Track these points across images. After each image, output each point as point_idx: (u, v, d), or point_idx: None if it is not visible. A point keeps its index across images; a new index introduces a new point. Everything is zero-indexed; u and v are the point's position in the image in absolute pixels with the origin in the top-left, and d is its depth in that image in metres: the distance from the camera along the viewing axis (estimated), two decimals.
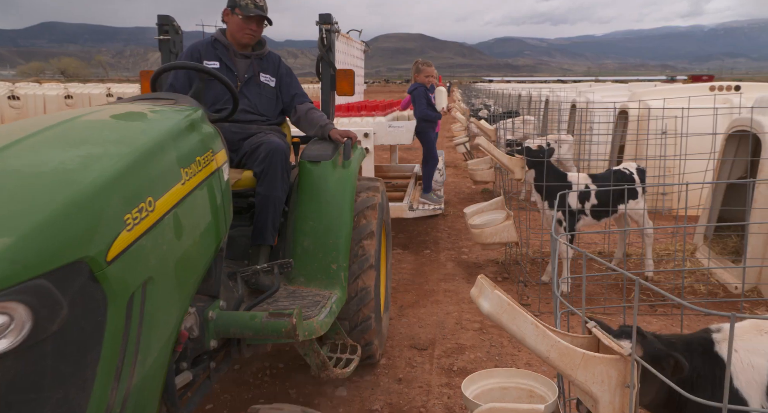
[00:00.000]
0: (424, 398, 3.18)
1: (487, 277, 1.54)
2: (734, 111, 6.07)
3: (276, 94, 3.25)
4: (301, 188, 2.95)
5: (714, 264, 4.85)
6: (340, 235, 2.85)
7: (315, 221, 2.86)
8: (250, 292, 2.62)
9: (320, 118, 3.22)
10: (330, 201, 2.88)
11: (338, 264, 2.82)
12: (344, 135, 3.16)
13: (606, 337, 1.53)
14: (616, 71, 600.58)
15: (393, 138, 5.55)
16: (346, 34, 6.92)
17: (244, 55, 3.18)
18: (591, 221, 4.71)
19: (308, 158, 2.96)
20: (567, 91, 13.42)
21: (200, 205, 1.92)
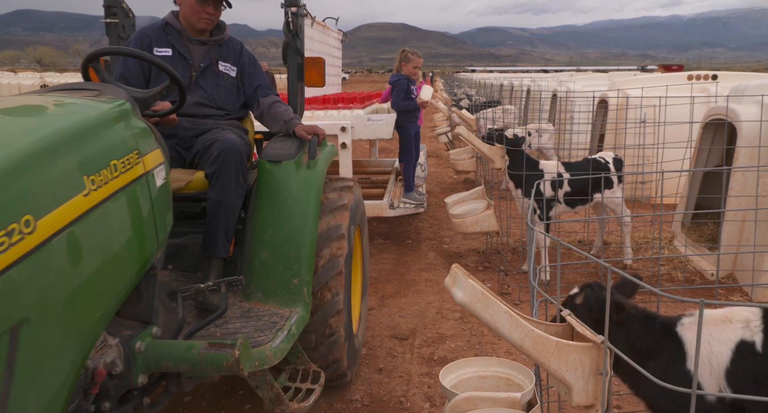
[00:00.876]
0: (404, 387, 3.19)
1: (461, 266, 1.53)
2: (711, 100, 6.13)
3: (237, 85, 2.95)
4: (259, 192, 2.62)
5: (691, 251, 4.92)
6: (303, 245, 2.52)
7: (274, 229, 2.53)
8: (198, 313, 2.34)
9: (285, 113, 2.92)
10: (292, 206, 2.56)
11: (300, 278, 2.49)
12: (310, 131, 2.85)
13: (579, 325, 1.53)
14: (597, 61, 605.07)
15: (372, 132, 5.23)
16: (322, 21, 6.65)
17: (201, 42, 2.88)
18: (565, 209, 4.75)
19: (268, 158, 2.64)
20: (548, 81, 13.47)
21: (115, 218, 1.61)
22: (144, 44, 2.81)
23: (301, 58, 3.15)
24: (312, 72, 3.09)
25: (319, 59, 3.08)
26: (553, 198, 4.65)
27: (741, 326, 1.76)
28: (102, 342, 1.72)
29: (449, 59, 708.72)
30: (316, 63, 3.08)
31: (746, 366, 1.72)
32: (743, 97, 4.72)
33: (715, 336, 1.78)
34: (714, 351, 1.75)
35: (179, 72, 2.63)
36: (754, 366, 1.72)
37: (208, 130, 2.75)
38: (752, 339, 1.73)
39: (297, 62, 3.16)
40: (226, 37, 2.97)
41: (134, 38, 2.86)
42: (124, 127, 1.77)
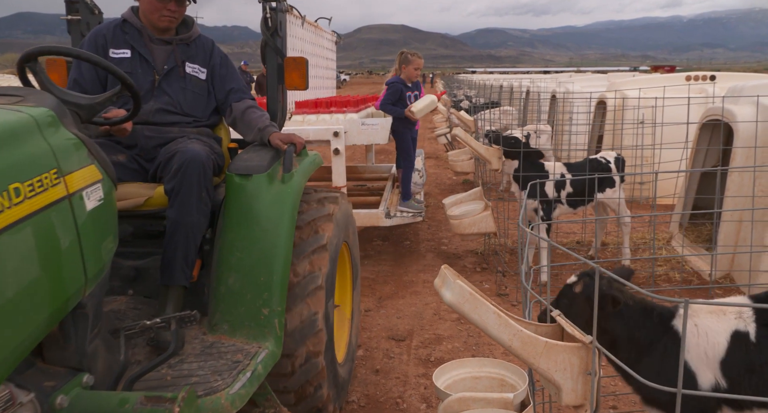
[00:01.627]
0: (401, 389, 3.20)
1: (450, 267, 1.54)
2: (709, 101, 6.14)
3: (207, 88, 2.65)
4: (227, 209, 2.32)
5: (688, 252, 4.93)
6: (274, 271, 2.23)
7: (243, 252, 2.23)
8: (151, 350, 2.06)
9: (259, 119, 2.62)
10: (263, 226, 2.27)
11: (271, 308, 2.19)
12: (286, 140, 2.55)
13: (569, 325, 1.54)
14: (597, 62, 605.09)
15: (366, 137, 4.95)
16: (315, 22, 6.41)
17: (164, 41, 2.57)
18: (567, 210, 4.75)
19: (237, 171, 2.34)
20: (547, 82, 13.48)
21: (15, 253, 1.34)
22: (99, 45, 2.51)
23: (281, 58, 2.81)
24: (293, 73, 2.75)
25: (301, 59, 2.73)
26: (557, 199, 4.65)
27: (734, 316, 1.79)
28: (7, 401, 1.42)
29: (449, 60, 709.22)
30: (298, 63, 2.73)
31: (740, 355, 1.75)
32: (740, 98, 4.72)
33: (711, 326, 1.80)
34: (710, 341, 1.78)
35: (140, 75, 2.48)
36: (747, 355, 1.75)
37: (172, 140, 2.47)
38: (746, 329, 1.76)
39: (277, 63, 2.82)
40: (195, 36, 2.66)
41: (88, 39, 2.57)
42: (37, 141, 1.50)
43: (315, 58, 6.54)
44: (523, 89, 12.78)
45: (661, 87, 6.21)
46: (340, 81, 57.29)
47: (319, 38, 6.83)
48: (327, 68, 7.61)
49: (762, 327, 1.75)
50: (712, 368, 1.77)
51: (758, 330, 1.75)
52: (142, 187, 2.36)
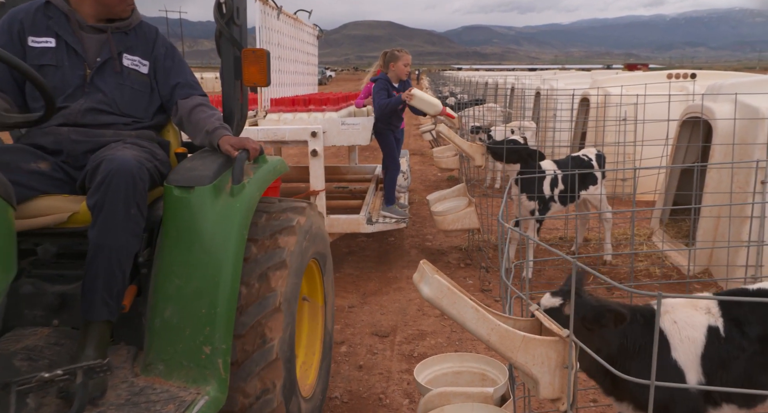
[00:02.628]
0: (384, 384, 3.21)
1: (429, 262, 1.55)
2: (689, 98, 6.22)
3: (149, 84, 2.30)
4: (165, 228, 1.99)
5: (669, 247, 4.99)
6: (218, 301, 1.91)
7: (181, 279, 1.92)
8: (63, 402, 1.72)
9: (208, 120, 2.25)
10: (206, 248, 1.95)
11: (214, 346, 1.88)
12: (238, 145, 2.18)
13: (546, 319, 1.55)
14: (582, 59, 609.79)
15: (347, 138, 4.65)
16: (294, 14, 6.17)
17: (97, 29, 2.21)
18: (559, 207, 4.78)
19: (176, 182, 2.00)
20: (532, 79, 13.56)
21: None
22: (14, 32, 2.15)
23: (238, 49, 2.43)
24: (252, 67, 2.38)
25: (260, 52, 2.38)
26: (551, 197, 4.68)
27: (704, 312, 1.84)
28: None
29: (435, 57, 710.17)
30: (258, 56, 2.37)
31: (714, 350, 1.79)
32: (719, 96, 4.79)
33: (689, 321, 1.83)
34: (691, 336, 1.81)
35: (67, 69, 2.14)
36: (719, 350, 1.79)
37: (105, 144, 2.12)
38: (716, 324, 1.81)
39: (233, 55, 2.45)
40: (135, 22, 2.31)
41: (2, 24, 2.20)
42: None
43: (294, 53, 6.35)
44: (508, 86, 12.84)
45: (642, 84, 6.28)
46: (326, 77, 57.05)
47: (299, 32, 6.55)
48: (308, 63, 7.35)
49: (729, 321, 1.80)
50: (695, 363, 1.79)
51: (726, 325, 1.80)
52: (67, 200, 2.00)
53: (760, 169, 3.99)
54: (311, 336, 2.76)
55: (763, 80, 4.90)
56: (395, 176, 5.27)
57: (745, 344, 1.78)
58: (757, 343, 1.78)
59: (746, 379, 1.78)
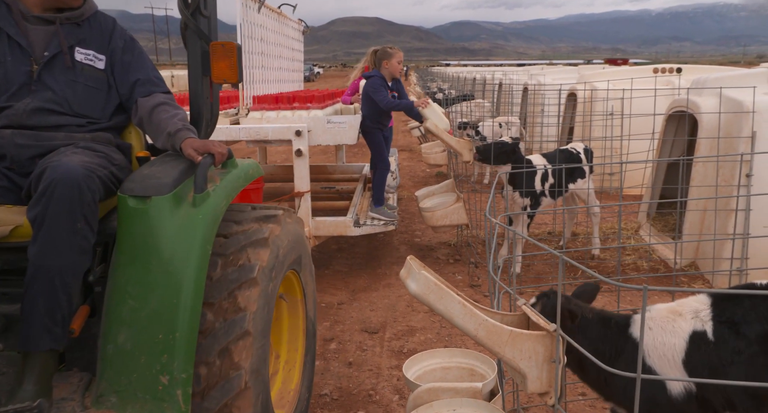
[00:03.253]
0: (373, 381, 3.20)
1: (415, 258, 1.54)
2: (675, 92, 6.27)
3: (106, 80, 2.08)
4: (119, 243, 1.78)
5: (656, 241, 5.03)
6: (177, 325, 1.71)
7: (137, 301, 1.72)
8: None
9: (170, 121, 2.01)
10: (164, 265, 1.75)
11: (172, 375, 1.69)
12: (202, 149, 1.94)
13: (534, 314, 1.55)
14: (569, 55, 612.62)
15: (333, 137, 4.49)
16: (278, 8, 5.98)
17: (44, 19, 2.01)
18: (549, 201, 4.80)
19: (131, 191, 1.78)
20: (519, 74, 13.60)
21: None
22: None
23: (206, 43, 2.21)
24: (222, 63, 2.16)
25: (230, 45, 2.16)
26: (542, 192, 4.69)
27: (691, 317, 1.80)
28: None
29: (424, 53, 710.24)
30: (228, 50, 2.15)
31: (700, 355, 1.75)
32: (704, 90, 4.82)
33: (668, 329, 1.81)
34: (667, 343, 1.78)
35: (9, 65, 1.96)
36: (708, 355, 1.75)
37: (55, 148, 1.91)
38: (703, 328, 1.76)
39: (200, 49, 2.23)
40: (89, 13, 2.10)
41: None
42: None
43: (278, 48, 6.19)
44: (496, 82, 12.86)
45: (629, 79, 6.32)
46: (314, 74, 56.82)
47: (283, 26, 6.36)
48: (293, 60, 7.10)
49: (720, 324, 1.76)
50: (677, 369, 1.77)
51: (715, 329, 1.76)
52: (10, 211, 1.81)
53: (744, 163, 4.03)
54: (293, 331, 2.58)
55: (747, 74, 4.95)
56: (384, 176, 5.11)
57: (742, 345, 1.72)
58: (756, 343, 1.71)
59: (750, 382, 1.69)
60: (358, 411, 2.94)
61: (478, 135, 7.60)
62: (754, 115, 4.16)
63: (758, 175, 4.03)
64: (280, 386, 2.48)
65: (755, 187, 3.97)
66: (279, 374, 2.50)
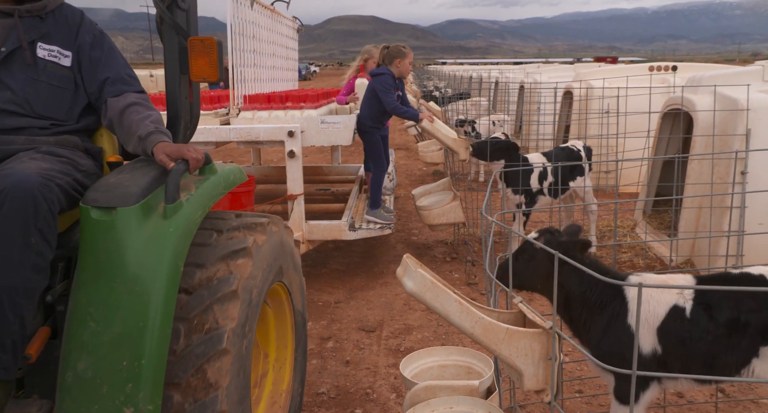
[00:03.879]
0: (371, 379, 3.21)
1: (412, 256, 1.54)
2: (670, 90, 6.28)
3: (73, 79, 1.92)
4: (81, 259, 1.62)
5: (652, 238, 5.04)
6: (144, 351, 1.55)
7: (99, 324, 1.56)
8: None
9: (141, 123, 1.84)
10: (129, 284, 1.59)
11: (137, 406, 1.54)
12: (176, 154, 1.78)
13: (530, 312, 1.56)
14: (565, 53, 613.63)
15: (327, 137, 4.38)
16: (271, 5, 5.81)
17: (2, 12, 1.86)
18: (548, 200, 4.80)
19: (94, 202, 1.62)
20: (515, 73, 13.61)
21: None
22: None
23: (184, 38, 2.05)
24: (201, 60, 1.99)
25: (210, 40, 1.98)
26: (539, 190, 4.70)
27: (677, 292, 1.94)
28: None
29: (420, 52, 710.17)
30: (207, 46, 1.98)
31: (674, 326, 1.91)
32: (699, 88, 4.84)
33: (655, 297, 1.95)
34: (651, 309, 1.93)
35: None
36: (680, 328, 1.91)
37: (14, 153, 1.75)
38: (684, 305, 1.92)
39: (177, 45, 2.06)
40: (53, 5, 1.94)
41: None
42: None
43: (271, 46, 5.97)
44: (492, 80, 12.87)
45: (624, 77, 6.33)
46: (310, 72, 56.75)
47: (277, 24, 6.17)
48: (287, 58, 6.90)
49: (698, 305, 1.91)
50: (651, 333, 1.93)
51: (693, 308, 1.91)
52: None
53: (739, 160, 4.04)
54: (280, 328, 2.43)
55: (741, 72, 4.96)
56: (381, 178, 4.97)
57: (712, 326, 1.89)
58: (723, 325, 1.89)
59: (710, 357, 1.89)
60: (356, 409, 2.94)
61: (474, 132, 7.62)
62: (749, 112, 4.17)
63: (753, 172, 4.05)
64: (271, 387, 2.37)
65: (750, 185, 3.99)
66: (269, 375, 2.39)
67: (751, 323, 1.85)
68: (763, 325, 1.84)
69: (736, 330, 1.87)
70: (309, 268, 4.99)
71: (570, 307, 2.01)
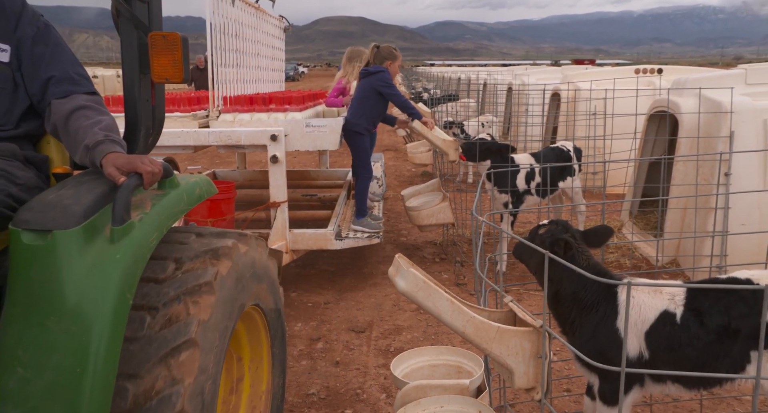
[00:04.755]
0: (361, 380, 3.22)
1: (404, 256, 1.55)
2: (656, 93, 6.36)
3: (12, 77, 1.68)
4: (10, 292, 1.35)
5: (638, 239, 5.11)
6: (83, 404, 1.28)
7: (30, 370, 1.29)
8: None
9: (89, 130, 1.58)
10: (66, 323, 1.32)
11: None
12: (127, 167, 1.52)
13: (521, 311, 1.58)
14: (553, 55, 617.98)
15: (312, 141, 4.19)
16: (256, 2, 5.50)
17: None
18: (536, 200, 4.84)
19: (26, 224, 1.36)
20: (503, 74, 13.69)
21: None
22: None
23: (144, 33, 1.78)
24: (163, 58, 1.72)
25: (173, 36, 1.72)
26: (526, 190, 4.73)
27: (668, 298, 1.94)
28: None
29: (408, 53, 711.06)
30: (171, 43, 1.72)
31: (664, 332, 1.92)
32: (684, 90, 4.91)
33: (646, 302, 1.97)
34: (641, 314, 1.94)
35: None
36: (670, 333, 1.92)
37: None
38: (674, 311, 1.92)
39: (136, 41, 1.79)
40: None
41: None
42: None
43: (256, 46, 5.69)
44: (480, 82, 12.94)
45: (611, 79, 6.40)
46: (298, 73, 56.59)
47: (262, 23, 5.84)
48: (273, 58, 6.57)
49: (689, 311, 1.91)
50: (639, 337, 1.93)
51: (684, 314, 1.90)
52: None
53: (723, 162, 4.10)
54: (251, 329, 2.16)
55: (725, 75, 5.04)
56: (366, 185, 4.79)
57: (702, 333, 1.88)
58: (714, 332, 1.88)
59: (699, 363, 1.90)
60: (346, 410, 2.95)
61: (463, 133, 7.66)
62: (732, 115, 4.24)
63: (736, 173, 4.11)
64: (249, 391, 2.17)
65: (734, 186, 4.05)
66: (245, 378, 2.18)
67: (741, 329, 1.84)
68: (754, 330, 1.83)
69: (726, 336, 1.86)
70: (298, 269, 4.98)
71: (560, 304, 2.02)
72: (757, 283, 1.90)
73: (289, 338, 3.73)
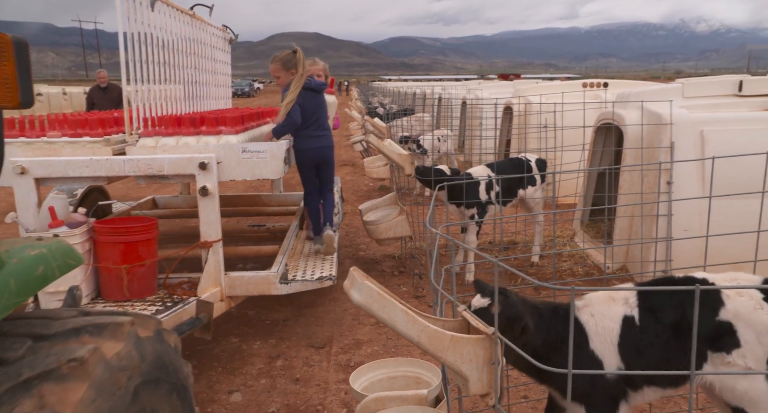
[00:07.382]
0: (321, 396, 3.19)
1: (358, 269, 1.57)
2: (602, 106, 6.62)
3: None
4: None
5: (589, 246, 5.27)
6: None
7: None
8: None
9: None
10: None
11: None
12: None
13: (473, 319, 1.61)
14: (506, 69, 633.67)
15: (250, 169, 3.55)
16: (191, 9, 4.83)
17: None
18: (497, 208, 4.94)
19: None
20: (458, 89, 13.96)
21: None
22: None
23: None
24: None
25: (3, 39, 1.29)
26: (488, 201, 4.83)
27: (622, 303, 1.96)
28: None
29: (364, 68, 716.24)
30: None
31: (630, 338, 1.92)
32: (627, 103, 5.13)
33: (606, 313, 1.96)
34: (607, 326, 1.93)
35: None
36: (635, 338, 1.92)
37: None
38: (631, 314, 1.94)
39: None
40: None
41: None
42: None
43: (191, 58, 4.99)
44: (436, 96, 13.15)
45: (560, 93, 6.63)
46: (254, 89, 56.16)
47: (202, 33, 5.19)
48: (216, 73, 5.83)
49: (644, 311, 1.93)
50: (613, 352, 1.91)
51: (641, 315, 1.93)
52: None
53: (665, 171, 4.30)
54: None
55: (665, 89, 5.29)
56: (315, 210, 4.43)
57: (660, 330, 1.90)
58: (670, 329, 1.90)
59: (664, 362, 1.90)
60: None
61: (419, 148, 7.76)
62: (672, 126, 4.46)
63: (678, 182, 4.31)
64: None
65: (675, 194, 4.24)
66: None
67: None
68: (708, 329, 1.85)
69: (682, 332, 1.88)
70: None
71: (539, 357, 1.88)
72: (712, 283, 1.96)
73: (248, 356, 3.67)
